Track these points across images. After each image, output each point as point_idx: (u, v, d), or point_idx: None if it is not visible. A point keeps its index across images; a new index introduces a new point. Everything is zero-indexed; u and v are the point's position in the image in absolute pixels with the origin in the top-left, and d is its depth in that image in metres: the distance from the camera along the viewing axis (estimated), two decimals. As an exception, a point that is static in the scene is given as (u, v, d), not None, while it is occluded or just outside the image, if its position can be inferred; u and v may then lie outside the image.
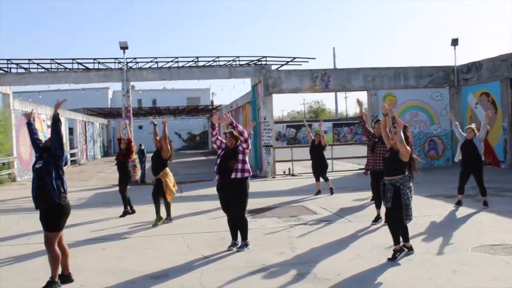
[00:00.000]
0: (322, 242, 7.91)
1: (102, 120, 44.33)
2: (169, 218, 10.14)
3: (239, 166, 7.42)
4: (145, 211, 11.40)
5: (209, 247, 7.85)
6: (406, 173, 6.78)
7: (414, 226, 8.57)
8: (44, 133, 26.47)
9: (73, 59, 19.27)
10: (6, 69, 18.97)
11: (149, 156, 13.34)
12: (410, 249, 6.85)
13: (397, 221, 6.68)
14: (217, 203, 12.17)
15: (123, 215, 11.13)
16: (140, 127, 56.34)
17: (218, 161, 7.55)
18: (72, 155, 33.03)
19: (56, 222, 6.05)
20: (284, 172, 20.01)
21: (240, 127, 7.54)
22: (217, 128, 7.91)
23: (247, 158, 7.61)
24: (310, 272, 6.26)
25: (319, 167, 13.57)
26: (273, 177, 19.25)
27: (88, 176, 23.80)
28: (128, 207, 11.34)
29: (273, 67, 20.17)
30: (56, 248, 6.09)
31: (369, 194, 12.13)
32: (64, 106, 29.62)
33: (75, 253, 7.82)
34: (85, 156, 36.86)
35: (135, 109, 44.57)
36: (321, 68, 19.68)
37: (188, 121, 53.92)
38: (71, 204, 13.64)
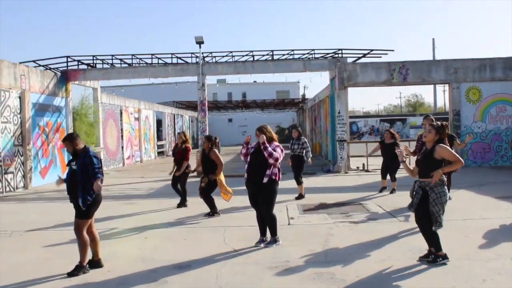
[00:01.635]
0: (360, 241, 7.63)
1: (192, 112, 45.86)
2: (216, 212, 10.24)
3: (267, 171, 7.33)
4: (202, 203, 11.61)
5: (244, 241, 7.85)
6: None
7: (466, 229, 8.04)
8: (132, 125, 27.99)
9: (152, 54, 20.16)
10: (92, 65, 20.24)
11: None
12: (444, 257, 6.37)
13: (426, 227, 6.25)
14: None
15: (179, 206, 11.47)
16: (230, 120, 57.69)
17: (249, 159, 7.52)
18: (160, 146, 34.53)
19: (86, 210, 6.38)
20: (357, 167, 19.51)
21: (269, 150, 7.29)
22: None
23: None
24: (330, 271, 6.06)
25: (390, 167, 12.92)
26: (346, 173, 18.84)
27: (169, 167, 24.69)
28: (182, 200, 11.62)
29: (350, 60, 19.68)
30: (85, 234, 6.42)
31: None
32: (152, 99, 31.02)
33: (118, 241, 8.25)
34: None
35: (224, 102, 45.74)
36: (399, 61, 18.86)
37: (276, 115, 54.22)
38: (141, 194, 14.40)
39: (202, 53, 19.96)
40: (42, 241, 8.28)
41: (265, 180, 7.31)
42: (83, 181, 6.26)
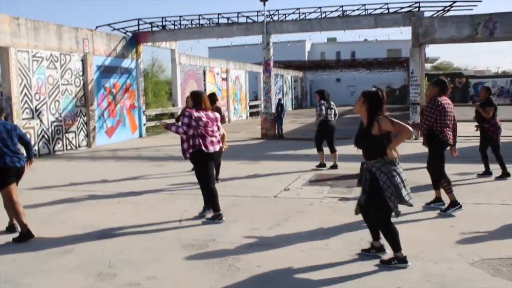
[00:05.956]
0: (321, 222, 6.74)
1: (296, 72, 45.04)
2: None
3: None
4: (224, 168, 11.13)
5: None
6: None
7: (465, 217, 6.79)
8: (218, 86, 28.19)
9: (218, 14, 19.76)
10: (160, 26, 20.44)
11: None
12: (379, 250, 5.33)
13: (381, 216, 5.10)
14: (304, 165, 11.40)
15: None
16: (338, 79, 55.91)
17: None
18: (252, 107, 34.25)
19: None
20: (432, 134, 17.62)
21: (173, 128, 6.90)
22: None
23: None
24: (239, 258, 5.36)
25: None
26: (415, 139, 17.09)
27: (242, 128, 24.49)
28: None
29: (428, 15, 17.59)
30: (14, 202, 6.27)
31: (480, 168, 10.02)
32: (246, 59, 30.54)
33: (88, 204, 8.21)
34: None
35: (327, 61, 44.24)
36: (484, 13, 16.40)
37: (384, 75, 51.44)
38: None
39: (268, 10, 19.13)
40: (35, 200, 8.32)
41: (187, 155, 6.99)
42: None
